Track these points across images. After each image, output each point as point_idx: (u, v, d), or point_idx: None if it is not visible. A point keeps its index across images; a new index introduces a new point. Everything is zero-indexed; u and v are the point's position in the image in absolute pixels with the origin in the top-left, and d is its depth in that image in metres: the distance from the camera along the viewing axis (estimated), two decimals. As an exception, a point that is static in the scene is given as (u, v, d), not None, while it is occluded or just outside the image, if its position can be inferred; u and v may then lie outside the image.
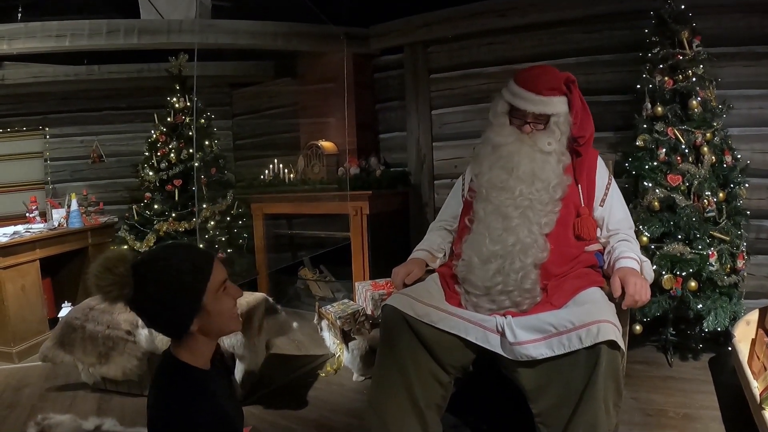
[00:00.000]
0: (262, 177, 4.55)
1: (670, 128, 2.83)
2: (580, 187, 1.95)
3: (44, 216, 4.25)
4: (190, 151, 4.16)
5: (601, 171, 2.01)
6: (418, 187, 4.33)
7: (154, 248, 1.27)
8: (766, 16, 3.13)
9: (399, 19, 4.17)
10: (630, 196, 2.91)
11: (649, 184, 2.83)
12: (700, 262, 2.62)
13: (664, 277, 2.64)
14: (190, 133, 4.19)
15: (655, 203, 2.79)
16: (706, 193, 2.73)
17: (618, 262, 1.82)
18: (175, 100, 4.28)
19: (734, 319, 2.65)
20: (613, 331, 1.55)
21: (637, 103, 3.05)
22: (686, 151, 2.79)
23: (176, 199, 4.20)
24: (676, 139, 2.81)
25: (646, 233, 2.76)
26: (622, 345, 1.60)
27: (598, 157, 2.03)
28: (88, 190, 4.83)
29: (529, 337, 1.65)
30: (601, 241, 1.98)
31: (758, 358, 2.32)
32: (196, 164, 4.08)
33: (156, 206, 4.19)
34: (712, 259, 2.66)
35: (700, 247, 2.67)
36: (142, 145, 4.48)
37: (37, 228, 3.87)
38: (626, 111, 3.24)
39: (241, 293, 1.26)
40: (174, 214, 4.15)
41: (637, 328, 2.77)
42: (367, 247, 3.93)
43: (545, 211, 1.84)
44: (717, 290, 2.71)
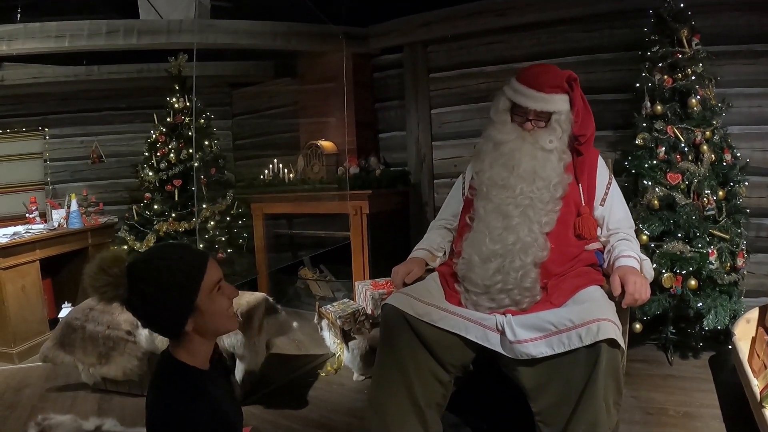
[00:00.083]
0: (262, 177, 4.55)
1: (670, 127, 2.83)
2: (581, 186, 1.95)
3: (44, 216, 4.24)
4: (190, 151, 4.16)
5: (602, 170, 2.00)
6: (418, 187, 4.33)
7: (149, 249, 1.28)
8: (765, 14, 3.13)
9: (398, 19, 4.18)
10: (630, 194, 2.91)
11: (649, 183, 2.83)
12: (700, 261, 2.62)
13: (664, 275, 2.64)
14: (190, 133, 4.19)
15: (655, 202, 2.79)
16: (706, 192, 2.73)
17: (618, 261, 1.82)
18: (174, 100, 4.28)
19: (734, 317, 2.66)
20: (613, 330, 1.55)
21: (636, 102, 3.05)
22: (686, 149, 2.80)
23: (176, 199, 4.20)
24: (676, 137, 2.81)
25: (646, 232, 2.76)
26: (622, 343, 1.59)
27: (599, 157, 2.02)
28: (87, 190, 4.83)
29: (529, 335, 1.65)
30: (601, 240, 1.98)
31: (758, 357, 2.32)
32: (195, 164, 4.08)
33: (156, 206, 4.19)
34: (712, 258, 2.66)
35: (699, 245, 2.68)
36: (142, 146, 4.48)
37: (37, 228, 3.87)
38: (626, 110, 3.24)
39: (237, 293, 1.26)
40: (174, 215, 4.15)
41: (637, 326, 2.77)
42: (367, 246, 3.93)
43: (546, 210, 1.83)
44: (717, 288, 2.71)
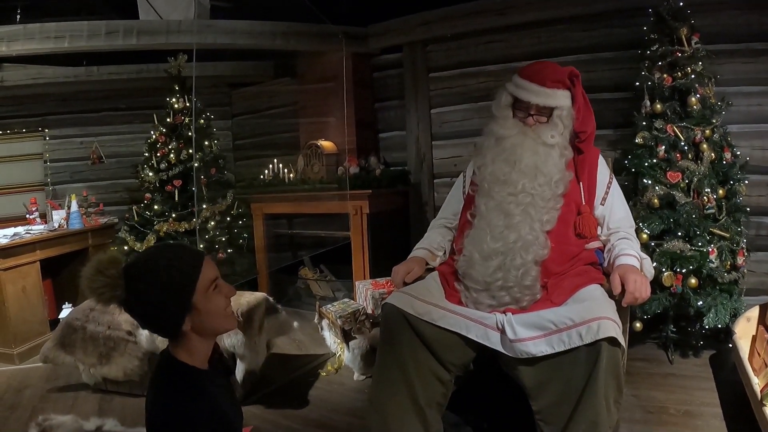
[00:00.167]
0: (262, 177, 4.55)
1: (670, 125, 2.83)
2: (582, 185, 1.95)
3: (44, 217, 4.24)
4: (190, 151, 4.15)
5: (603, 169, 2.01)
6: (418, 186, 4.33)
7: (145, 250, 1.28)
8: (765, 13, 3.13)
9: (398, 18, 4.17)
10: (630, 193, 2.91)
11: (649, 182, 2.83)
12: (700, 259, 2.62)
13: (664, 274, 2.64)
14: (190, 134, 4.19)
15: (655, 200, 2.79)
16: (706, 190, 2.72)
17: (618, 260, 1.82)
18: (174, 100, 4.28)
19: (734, 315, 2.65)
20: (613, 328, 1.55)
21: (636, 101, 3.05)
22: (685, 148, 2.79)
23: (176, 199, 4.20)
24: (676, 136, 2.81)
25: (646, 230, 2.76)
26: (623, 342, 1.59)
27: (599, 156, 2.03)
28: (88, 191, 4.82)
29: (529, 334, 1.66)
30: (601, 239, 1.98)
31: (759, 355, 2.31)
32: (195, 164, 4.08)
33: (156, 207, 4.19)
34: (712, 256, 2.65)
35: (700, 244, 2.67)
36: (142, 146, 4.47)
37: (38, 229, 3.87)
38: (625, 108, 3.24)
39: (234, 292, 1.26)
40: (174, 215, 4.15)
41: (638, 325, 2.76)
42: (367, 246, 3.93)
43: (547, 208, 1.83)
44: (717, 287, 2.71)
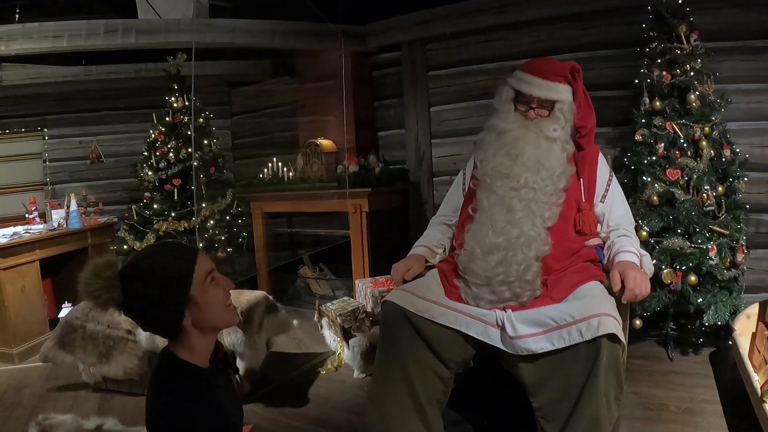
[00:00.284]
0: (261, 176, 4.55)
1: (669, 123, 2.83)
2: (582, 182, 1.95)
3: (44, 217, 4.24)
4: (189, 150, 4.15)
5: (603, 167, 2.01)
6: (417, 184, 4.33)
7: (139, 251, 1.29)
8: (764, 11, 3.13)
9: (397, 17, 4.17)
10: (629, 190, 2.91)
11: (648, 179, 2.83)
12: (699, 257, 2.62)
13: (664, 271, 2.64)
14: (189, 133, 4.19)
15: (654, 198, 2.79)
16: (705, 188, 2.73)
17: (618, 257, 1.82)
18: (173, 99, 4.27)
19: (734, 312, 2.66)
20: (613, 325, 1.55)
21: (635, 98, 3.05)
22: (685, 145, 2.79)
23: (175, 198, 4.20)
24: (675, 133, 2.81)
25: (646, 228, 2.76)
26: (623, 338, 1.59)
27: (600, 153, 2.03)
28: (87, 190, 4.83)
29: (529, 330, 1.65)
30: (601, 236, 1.98)
31: (759, 352, 2.32)
32: (195, 163, 4.08)
33: (155, 206, 4.19)
34: (711, 253, 2.66)
35: (699, 241, 2.68)
36: (141, 145, 4.48)
37: (37, 229, 3.86)
38: (625, 106, 3.24)
39: (232, 285, 1.26)
40: (173, 214, 4.15)
41: (637, 322, 2.77)
42: (367, 244, 3.93)
43: (549, 204, 1.83)
44: (717, 284, 2.71)
